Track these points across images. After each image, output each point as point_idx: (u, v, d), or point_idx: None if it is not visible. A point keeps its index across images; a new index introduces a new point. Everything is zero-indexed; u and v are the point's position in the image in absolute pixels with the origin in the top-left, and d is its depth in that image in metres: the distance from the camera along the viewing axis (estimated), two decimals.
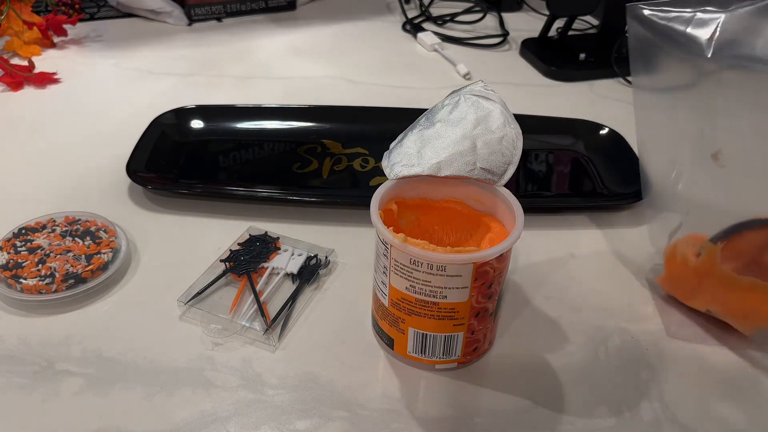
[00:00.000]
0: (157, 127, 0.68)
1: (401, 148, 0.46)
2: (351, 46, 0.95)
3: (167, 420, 0.42)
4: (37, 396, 0.43)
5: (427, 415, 0.43)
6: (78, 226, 0.54)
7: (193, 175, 0.64)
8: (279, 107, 0.73)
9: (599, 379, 0.45)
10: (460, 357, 0.45)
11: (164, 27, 0.98)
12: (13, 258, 0.51)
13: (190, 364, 0.45)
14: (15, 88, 0.79)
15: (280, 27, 1.00)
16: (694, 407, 0.44)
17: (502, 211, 0.45)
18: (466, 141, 0.45)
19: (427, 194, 0.47)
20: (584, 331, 0.49)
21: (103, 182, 0.63)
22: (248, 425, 0.42)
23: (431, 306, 0.42)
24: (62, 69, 0.84)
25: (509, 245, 0.41)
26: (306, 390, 0.44)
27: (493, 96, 0.47)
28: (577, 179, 0.66)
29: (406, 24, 1.01)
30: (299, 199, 0.61)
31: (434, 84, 0.84)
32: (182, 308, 0.49)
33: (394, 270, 0.42)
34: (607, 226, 0.59)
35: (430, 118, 0.47)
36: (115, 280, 0.52)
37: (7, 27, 0.87)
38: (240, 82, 0.83)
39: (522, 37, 0.95)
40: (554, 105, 0.79)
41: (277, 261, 0.53)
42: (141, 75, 0.84)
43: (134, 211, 0.60)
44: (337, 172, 0.65)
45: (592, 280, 0.54)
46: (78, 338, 0.47)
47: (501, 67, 0.90)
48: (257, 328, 0.47)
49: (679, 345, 0.48)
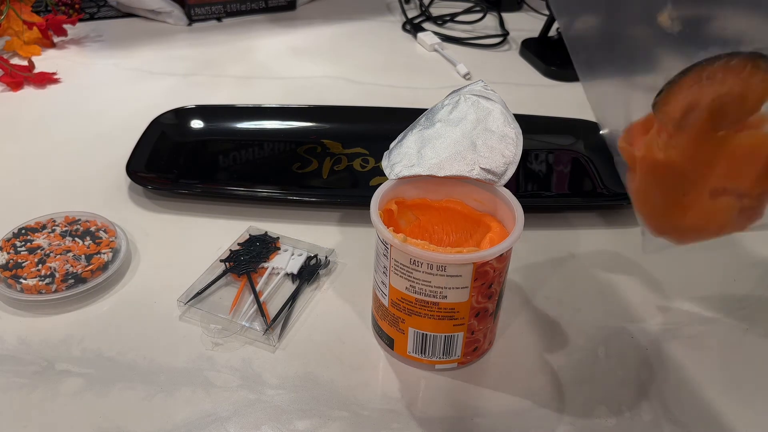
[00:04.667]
0: (157, 127, 0.68)
1: (401, 148, 0.46)
2: (351, 46, 0.95)
3: (167, 420, 0.42)
4: (37, 396, 0.43)
5: (427, 415, 0.43)
6: (78, 226, 0.54)
7: (193, 175, 0.64)
8: (279, 107, 0.73)
9: (599, 379, 0.45)
10: (460, 357, 0.45)
11: (164, 27, 0.98)
12: (13, 258, 0.51)
13: (190, 364, 0.45)
14: (15, 88, 0.79)
15: (280, 27, 1.00)
16: (694, 407, 0.44)
17: (502, 211, 0.45)
18: (466, 141, 0.45)
19: (427, 194, 0.47)
20: (584, 331, 0.49)
21: (103, 182, 0.63)
22: (248, 425, 0.42)
23: (431, 306, 0.42)
24: (62, 69, 0.84)
25: (509, 245, 0.41)
26: (306, 390, 0.44)
27: (493, 96, 0.47)
28: (577, 179, 0.66)
29: (406, 24, 1.01)
30: (299, 199, 0.61)
31: (434, 84, 0.84)
32: (182, 308, 0.49)
33: (394, 270, 0.42)
34: (607, 225, 0.59)
35: (430, 118, 0.47)
36: (115, 280, 0.52)
37: (7, 27, 0.87)
38: (240, 82, 0.83)
39: (522, 37, 0.95)
40: (554, 105, 0.79)
41: (277, 261, 0.53)
42: (141, 75, 0.84)
43: (134, 211, 0.60)
44: (337, 172, 0.65)
45: (592, 280, 0.54)
46: (78, 338, 0.47)
47: (501, 67, 0.90)
48: (257, 328, 0.47)
49: (679, 345, 0.48)
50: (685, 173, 0.41)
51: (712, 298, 0.52)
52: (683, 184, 0.41)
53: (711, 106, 0.39)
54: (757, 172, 0.40)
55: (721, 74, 0.38)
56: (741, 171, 0.40)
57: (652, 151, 0.41)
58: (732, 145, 0.40)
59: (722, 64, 0.38)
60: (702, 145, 0.40)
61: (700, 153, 0.40)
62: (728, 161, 0.40)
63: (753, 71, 0.38)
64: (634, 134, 0.42)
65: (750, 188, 0.40)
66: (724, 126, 0.39)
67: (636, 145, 0.42)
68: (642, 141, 0.41)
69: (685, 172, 0.41)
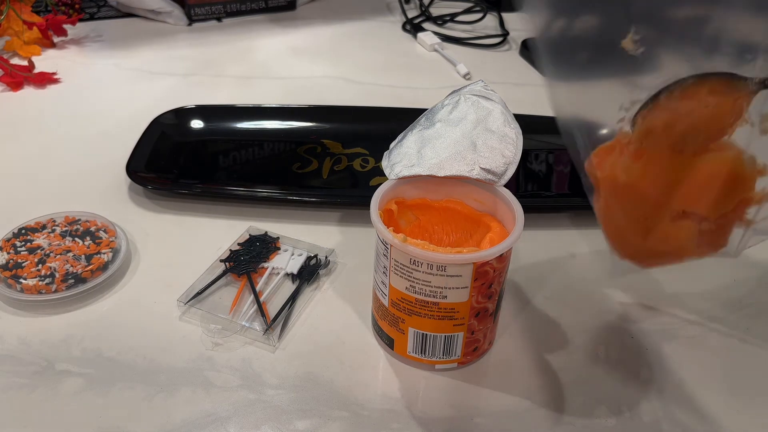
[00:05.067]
0: (157, 127, 0.68)
1: (401, 148, 0.46)
2: (351, 46, 0.95)
3: (167, 420, 0.42)
4: (37, 396, 0.43)
5: (427, 415, 0.43)
6: (78, 226, 0.54)
7: (193, 175, 0.64)
8: (279, 107, 0.73)
9: (599, 379, 0.45)
10: (460, 357, 0.45)
11: (164, 27, 0.98)
12: (13, 258, 0.51)
13: (190, 364, 0.45)
14: (15, 88, 0.79)
15: (280, 27, 1.00)
16: (694, 407, 0.44)
17: (502, 211, 0.45)
18: (466, 141, 0.45)
19: (427, 194, 0.47)
20: (584, 331, 0.49)
21: (103, 182, 0.63)
22: (248, 425, 0.42)
23: (431, 306, 0.42)
24: (62, 69, 0.84)
25: (509, 245, 0.41)
26: (306, 390, 0.44)
27: (493, 96, 0.47)
28: (577, 179, 0.66)
29: (406, 24, 1.01)
30: (299, 199, 0.61)
31: (434, 84, 0.84)
32: (182, 308, 0.49)
33: (394, 270, 0.42)
34: None
35: (430, 118, 0.47)
36: (115, 280, 0.52)
37: (7, 27, 0.87)
38: (240, 82, 0.83)
39: (522, 37, 0.95)
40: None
41: (277, 261, 0.53)
42: (141, 75, 0.84)
43: (134, 211, 0.60)
44: (337, 172, 0.65)
45: (592, 280, 0.54)
46: (78, 338, 0.47)
47: (501, 67, 0.90)
48: (257, 328, 0.47)
49: (679, 345, 0.48)
50: (645, 195, 0.41)
51: (712, 298, 0.52)
52: (644, 206, 0.41)
53: (673, 129, 0.39)
54: (716, 195, 0.40)
55: (685, 97, 0.39)
56: (700, 194, 0.40)
57: (614, 172, 0.41)
58: (693, 168, 0.39)
59: (684, 88, 0.38)
60: (663, 168, 0.40)
61: (660, 175, 0.40)
62: (689, 184, 0.40)
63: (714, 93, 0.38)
64: (599, 156, 0.42)
65: (708, 212, 0.40)
66: (685, 149, 0.39)
67: (599, 166, 0.42)
68: (605, 163, 0.41)
69: (646, 195, 0.41)
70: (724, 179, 0.39)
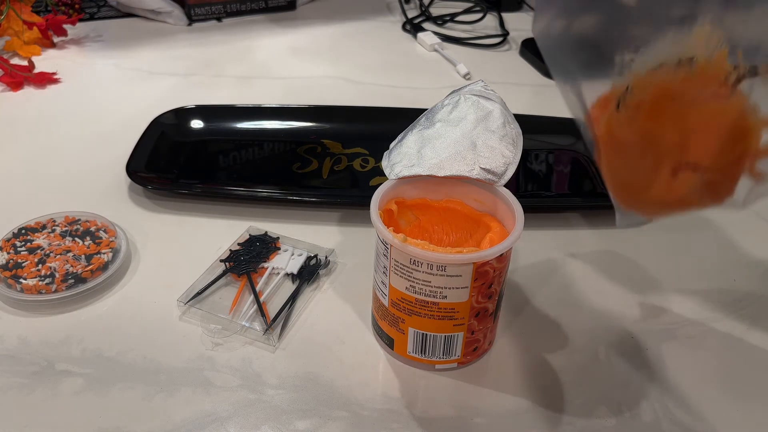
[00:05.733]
0: (157, 127, 0.68)
1: (401, 148, 0.46)
2: (351, 46, 0.95)
3: (167, 420, 0.42)
4: (37, 396, 0.43)
5: (427, 415, 0.43)
6: (78, 226, 0.54)
7: (193, 175, 0.64)
8: (279, 107, 0.73)
9: (599, 379, 0.45)
10: (460, 357, 0.45)
11: (164, 27, 0.98)
12: (13, 258, 0.51)
13: (190, 364, 0.45)
14: (15, 88, 0.79)
15: (280, 27, 1.00)
16: (693, 407, 0.44)
17: (502, 211, 0.45)
18: (466, 141, 0.45)
19: (427, 194, 0.47)
20: (584, 331, 0.49)
21: (103, 182, 0.63)
22: (248, 425, 0.42)
23: (431, 306, 0.42)
24: (62, 69, 0.84)
25: (509, 245, 0.41)
26: (306, 390, 0.44)
27: (493, 96, 0.47)
28: (577, 179, 0.66)
29: (406, 24, 1.01)
30: (299, 199, 0.61)
31: (434, 84, 0.84)
32: (182, 308, 0.49)
33: (394, 270, 0.42)
34: (607, 226, 0.59)
35: (430, 117, 0.47)
36: (115, 280, 0.52)
37: (7, 27, 0.87)
38: (240, 82, 0.83)
39: (522, 37, 0.95)
40: (554, 105, 0.79)
41: (277, 261, 0.53)
42: (141, 75, 0.84)
43: (134, 211, 0.60)
44: (337, 172, 0.65)
45: (592, 280, 0.54)
46: (78, 338, 0.47)
47: (501, 67, 0.90)
48: (257, 328, 0.47)
49: (679, 345, 0.48)
50: (644, 150, 0.40)
51: (712, 298, 0.52)
52: (643, 160, 0.40)
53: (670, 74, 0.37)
54: (720, 143, 0.38)
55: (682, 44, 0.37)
56: (702, 144, 0.38)
57: (611, 128, 0.40)
58: (691, 119, 0.38)
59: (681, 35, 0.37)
60: (659, 121, 0.39)
61: (657, 129, 0.39)
62: (688, 135, 0.38)
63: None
64: (595, 111, 0.41)
65: (712, 161, 0.39)
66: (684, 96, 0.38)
67: (596, 122, 0.41)
68: (601, 118, 0.40)
69: (644, 149, 0.40)
70: (725, 127, 0.37)
